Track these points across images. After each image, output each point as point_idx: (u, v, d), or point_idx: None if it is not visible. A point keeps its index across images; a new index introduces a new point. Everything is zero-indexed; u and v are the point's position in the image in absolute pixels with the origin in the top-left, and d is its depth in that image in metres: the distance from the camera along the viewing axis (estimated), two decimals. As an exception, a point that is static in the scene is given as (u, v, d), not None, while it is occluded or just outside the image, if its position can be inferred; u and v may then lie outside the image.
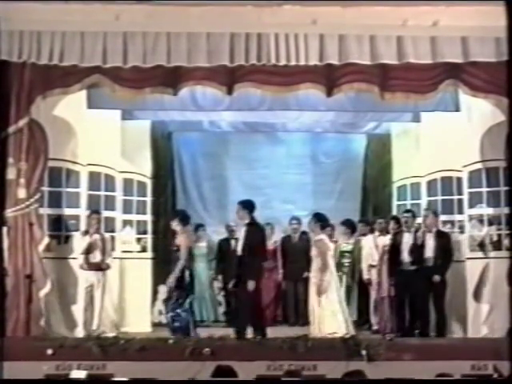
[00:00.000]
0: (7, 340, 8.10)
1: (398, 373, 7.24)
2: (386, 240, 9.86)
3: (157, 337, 8.58)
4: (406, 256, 9.43)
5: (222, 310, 11.02)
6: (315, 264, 9.01)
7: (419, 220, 10.14)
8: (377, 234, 10.16)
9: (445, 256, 9.36)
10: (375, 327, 9.97)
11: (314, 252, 9.10)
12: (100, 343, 7.87)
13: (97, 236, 9.44)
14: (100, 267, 9.39)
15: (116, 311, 9.94)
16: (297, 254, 10.81)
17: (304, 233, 11.02)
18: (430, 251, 9.34)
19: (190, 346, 7.77)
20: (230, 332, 8.63)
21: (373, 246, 10.11)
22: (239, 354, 7.50)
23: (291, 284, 10.96)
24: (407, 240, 9.48)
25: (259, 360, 7.67)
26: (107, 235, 9.69)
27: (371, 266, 10.04)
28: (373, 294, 10.04)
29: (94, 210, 9.63)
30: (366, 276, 10.15)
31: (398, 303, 9.48)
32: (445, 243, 9.42)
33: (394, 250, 9.54)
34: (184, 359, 7.67)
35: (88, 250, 9.33)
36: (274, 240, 11.04)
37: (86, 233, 9.43)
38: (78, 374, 6.50)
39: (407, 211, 9.96)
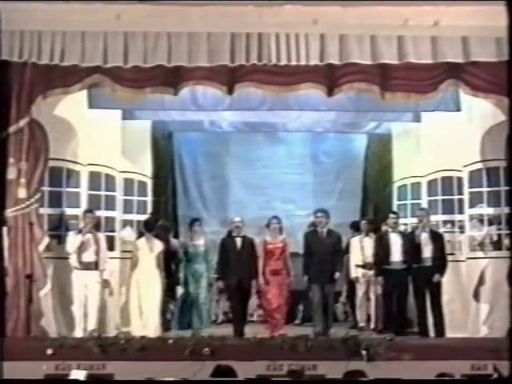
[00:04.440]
0: (7, 340, 8.14)
1: (398, 373, 7.22)
2: (370, 241, 10.00)
3: (157, 337, 8.60)
4: (396, 256, 9.46)
5: (220, 310, 10.94)
6: None
7: (404, 220, 10.34)
8: (363, 234, 10.29)
9: (442, 256, 9.37)
10: (361, 325, 10.05)
11: None
12: (100, 343, 7.88)
13: (89, 235, 9.16)
14: (94, 267, 9.14)
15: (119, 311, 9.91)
16: (325, 252, 9.33)
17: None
18: (427, 251, 9.32)
19: (189, 346, 7.79)
20: (230, 332, 8.62)
21: (359, 247, 10.19)
22: (239, 354, 7.50)
23: (317, 287, 9.34)
24: (396, 240, 9.52)
25: (259, 360, 7.68)
26: (101, 235, 9.42)
27: (358, 266, 10.10)
28: (359, 293, 10.13)
29: (88, 210, 9.44)
30: (353, 275, 10.19)
31: (386, 302, 9.51)
32: (440, 243, 9.42)
33: (381, 250, 9.55)
34: (184, 359, 7.68)
35: (80, 249, 9.09)
36: (281, 238, 9.54)
37: (80, 232, 9.18)
38: (78, 373, 6.49)
39: (393, 213, 10.02)
